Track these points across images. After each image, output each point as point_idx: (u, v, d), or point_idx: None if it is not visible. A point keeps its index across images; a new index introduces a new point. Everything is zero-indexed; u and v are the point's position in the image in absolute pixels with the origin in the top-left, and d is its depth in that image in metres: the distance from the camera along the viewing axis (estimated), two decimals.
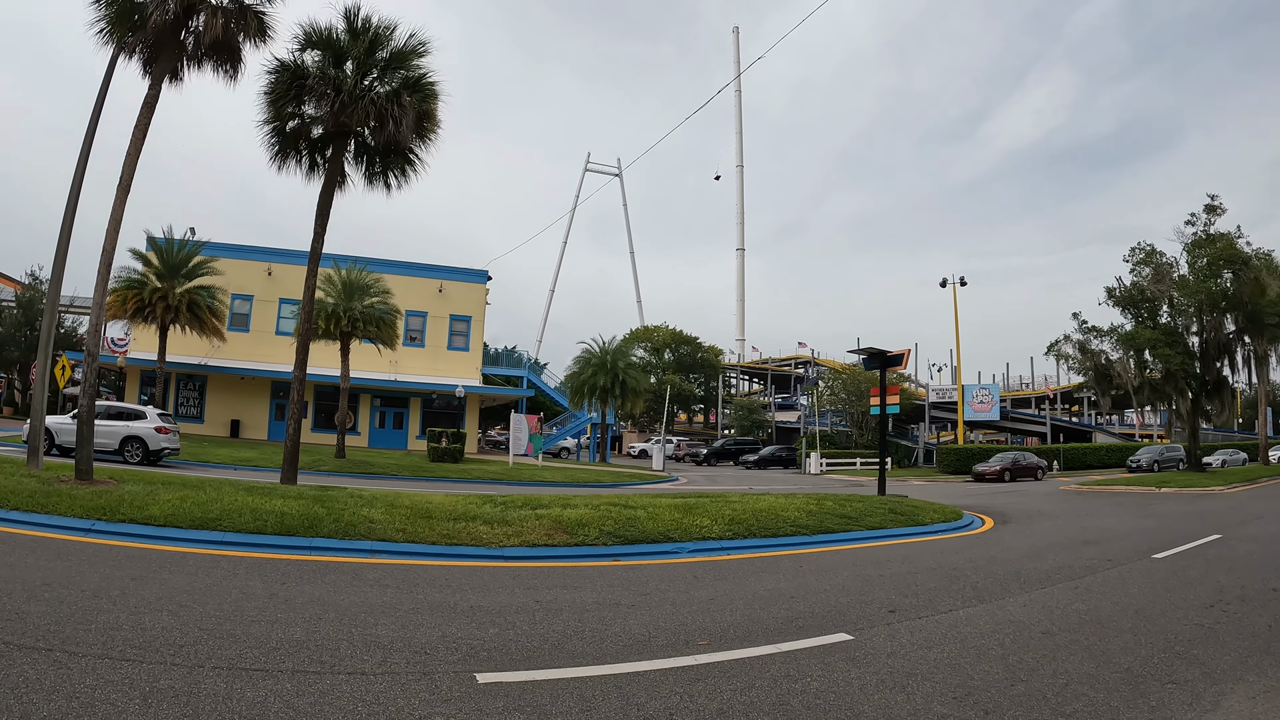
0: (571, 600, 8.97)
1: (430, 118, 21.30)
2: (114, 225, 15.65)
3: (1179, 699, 6.01)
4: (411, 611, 7.91)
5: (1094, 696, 5.99)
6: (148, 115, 16.43)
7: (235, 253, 49.53)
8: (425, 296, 53.74)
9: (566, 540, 12.61)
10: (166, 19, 16.20)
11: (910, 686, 6.10)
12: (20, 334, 55.78)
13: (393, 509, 13.42)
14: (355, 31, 20.19)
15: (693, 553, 13.02)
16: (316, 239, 20.62)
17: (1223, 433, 74.83)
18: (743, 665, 6.58)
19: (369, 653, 6.31)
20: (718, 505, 16.40)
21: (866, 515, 17.26)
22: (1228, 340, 43.54)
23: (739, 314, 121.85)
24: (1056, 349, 46.20)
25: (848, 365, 79.30)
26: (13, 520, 11.42)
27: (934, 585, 10.76)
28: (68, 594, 7.49)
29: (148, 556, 9.94)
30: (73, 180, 16.45)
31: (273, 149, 21.14)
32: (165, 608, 7.26)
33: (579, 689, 5.77)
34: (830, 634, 7.71)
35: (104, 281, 16.12)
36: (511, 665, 6.26)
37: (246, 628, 6.79)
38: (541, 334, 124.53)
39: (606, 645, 7.01)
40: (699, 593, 9.80)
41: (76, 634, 6.19)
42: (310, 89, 19.88)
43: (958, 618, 8.68)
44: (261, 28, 17.76)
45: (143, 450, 27.44)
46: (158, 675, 5.39)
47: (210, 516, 11.94)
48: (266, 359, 48.88)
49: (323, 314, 36.07)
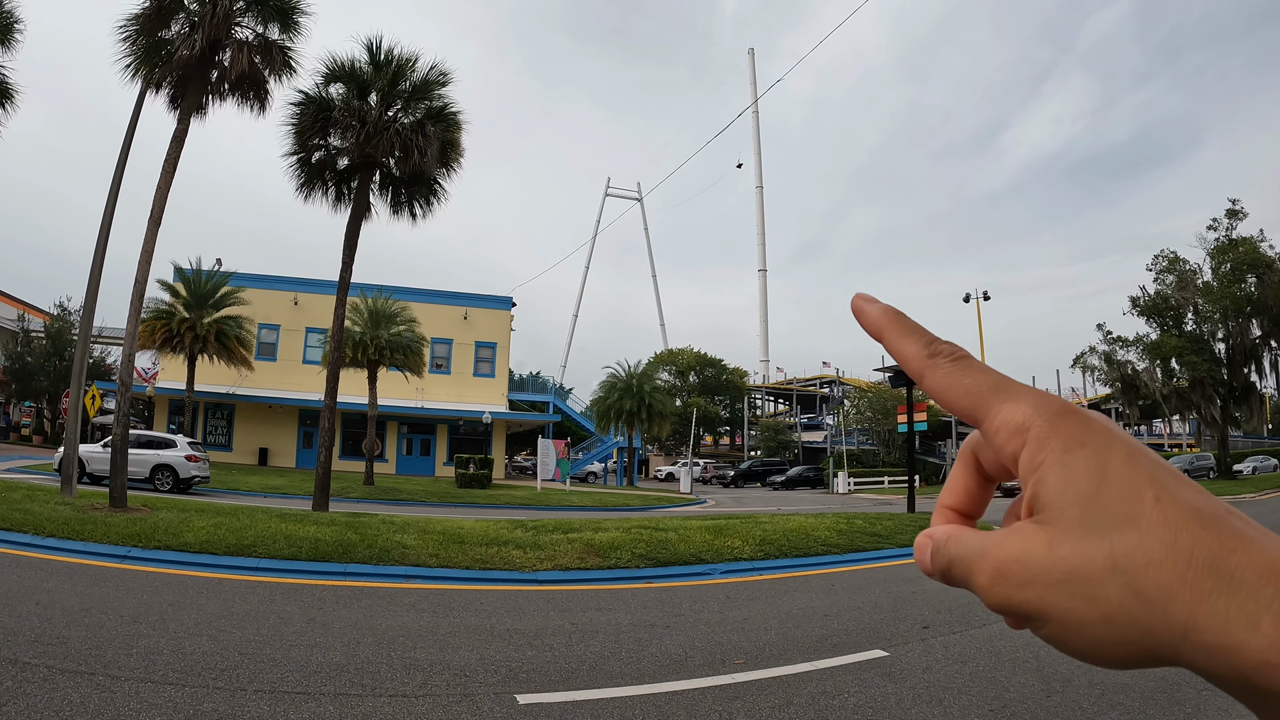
0: (606, 622, 8.98)
1: (454, 146, 21.50)
2: (145, 257, 15.85)
3: (1214, 705, 5.97)
4: (448, 634, 7.95)
5: (1129, 705, 5.97)
6: (177, 150, 16.64)
7: (261, 282, 49.89)
8: (450, 324, 53.89)
9: (599, 563, 12.61)
10: (193, 54, 16.44)
11: (947, 700, 6.09)
12: (49, 364, 56.29)
13: (425, 534, 13.48)
14: (378, 64, 20.43)
15: (725, 574, 12.99)
16: (345, 269, 20.77)
17: (1253, 439, 73.90)
18: (780, 683, 6.58)
19: (409, 675, 6.36)
20: (748, 526, 16.37)
21: (897, 533, 17.19)
22: (1254, 345, 43.06)
23: (762, 335, 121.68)
24: (1082, 361, 45.95)
25: (873, 383, 79.04)
26: (50, 547, 11.56)
27: (967, 600, 10.70)
28: (107, 619, 7.57)
29: (184, 582, 10.03)
30: (103, 214, 16.73)
31: (299, 180, 21.38)
32: (204, 632, 7.33)
33: (619, 709, 5.79)
34: (865, 651, 7.69)
35: (136, 312, 16.31)
36: (551, 686, 6.28)
37: (286, 652, 6.85)
38: (566, 359, 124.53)
39: (643, 666, 7.03)
40: (732, 613, 9.80)
41: (118, 658, 6.27)
42: (335, 121, 20.12)
43: (991, 632, 8.64)
44: (286, 62, 18.00)
45: (173, 478, 27.57)
46: (200, 699, 5.45)
47: (244, 543, 12.03)
48: (294, 387, 49.14)
49: (350, 342, 36.26)
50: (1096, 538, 0.45)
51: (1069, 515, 0.47)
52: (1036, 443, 0.49)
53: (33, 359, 56.62)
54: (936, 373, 0.55)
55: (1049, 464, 0.48)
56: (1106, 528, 0.45)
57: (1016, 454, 0.50)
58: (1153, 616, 0.43)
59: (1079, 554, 0.45)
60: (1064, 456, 0.48)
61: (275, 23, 17.76)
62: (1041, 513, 0.48)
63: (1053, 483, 0.48)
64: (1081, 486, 0.47)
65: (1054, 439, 0.48)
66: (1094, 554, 0.45)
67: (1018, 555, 0.48)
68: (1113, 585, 0.44)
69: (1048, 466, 0.48)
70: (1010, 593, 0.48)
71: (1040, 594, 0.46)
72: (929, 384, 0.55)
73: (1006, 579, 0.48)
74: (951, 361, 0.55)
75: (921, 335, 0.57)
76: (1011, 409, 0.51)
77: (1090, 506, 0.46)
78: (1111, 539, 0.45)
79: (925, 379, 0.56)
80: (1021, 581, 0.47)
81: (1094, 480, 0.47)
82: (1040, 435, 0.49)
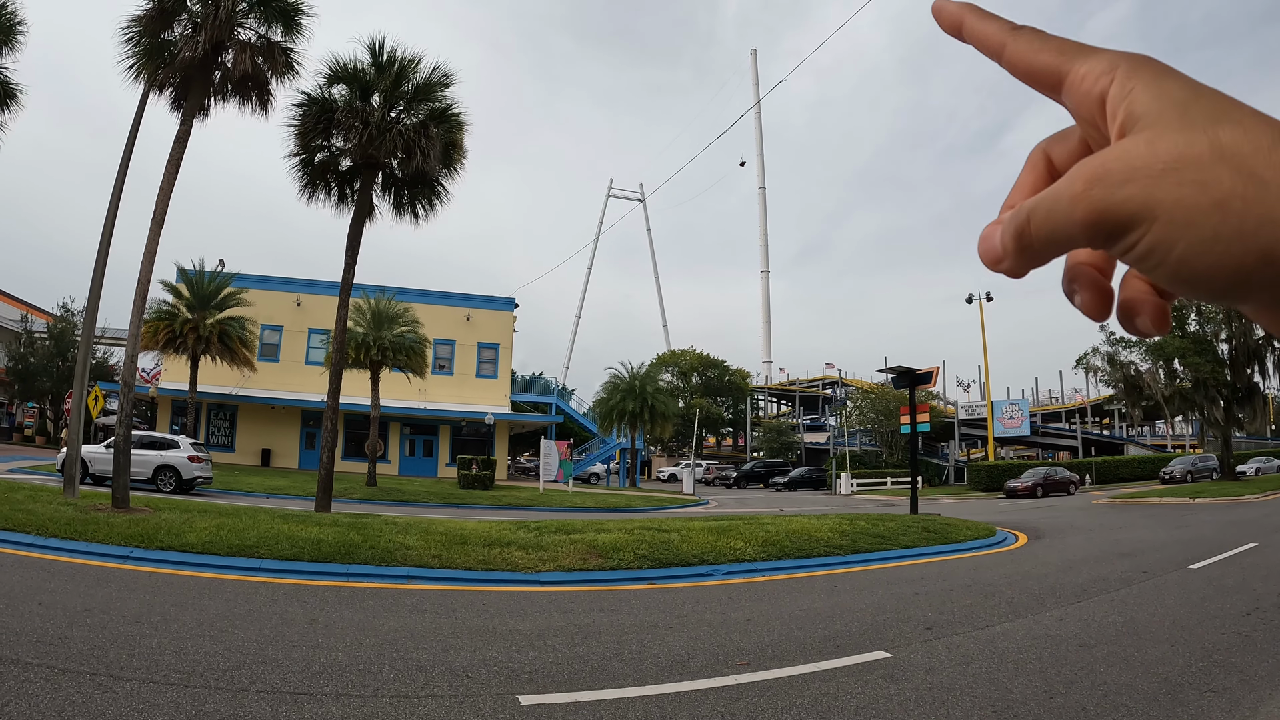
0: (609, 623, 8.98)
1: (457, 148, 21.53)
2: (148, 258, 15.87)
3: (1218, 706, 5.96)
4: (451, 635, 7.95)
5: (1133, 707, 5.96)
6: (179, 151, 16.65)
7: (264, 283, 49.97)
8: (453, 325, 53.93)
9: (601, 564, 12.61)
10: (196, 55, 16.47)
11: (950, 702, 6.08)
12: (52, 365, 56.36)
13: (427, 535, 13.48)
14: (381, 65, 20.47)
15: (727, 575, 12.99)
16: (347, 270, 20.79)
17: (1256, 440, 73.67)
18: (782, 684, 6.57)
19: (411, 676, 6.36)
20: (750, 527, 16.36)
21: (900, 534, 17.16)
22: (1258, 346, 42.92)
23: (765, 336, 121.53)
24: (1085, 362, 45.85)
25: (875, 385, 78.87)
26: (52, 548, 11.58)
27: (969, 602, 10.71)
28: (109, 620, 7.58)
29: (186, 583, 10.04)
30: (106, 215, 16.73)
31: (302, 181, 21.42)
32: (207, 633, 7.34)
33: (621, 710, 5.78)
34: (868, 652, 7.68)
35: (139, 313, 16.34)
36: (553, 687, 6.28)
37: (288, 652, 6.85)
38: (569, 360, 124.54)
39: (646, 667, 7.02)
40: (735, 614, 9.79)
41: (120, 659, 6.27)
42: (338, 122, 20.15)
43: (994, 633, 8.63)
44: (289, 63, 18.03)
45: (176, 479, 27.59)
46: (203, 699, 5.45)
47: (247, 543, 12.04)
48: (297, 388, 49.19)
49: (353, 343, 36.26)
50: (1199, 131, 0.45)
51: (1167, 117, 0.46)
52: (1126, 73, 0.50)
53: (36, 360, 56.68)
54: (1020, 39, 0.55)
55: (1140, 87, 0.49)
56: (1208, 123, 0.45)
57: (1105, 90, 0.51)
58: (1268, 198, 0.42)
59: (1183, 143, 0.45)
60: (1156, 79, 0.48)
61: (278, 24, 17.80)
62: (1135, 125, 0.48)
63: (1146, 98, 0.48)
64: (1177, 96, 0.47)
65: (1144, 69, 0.49)
66: (1198, 143, 0.45)
67: (1116, 154, 0.47)
68: (1222, 169, 0.43)
69: (1140, 88, 0.49)
70: (1109, 192, 0.47)
71: (1144, 187, 0.45)
72: (1011, 51, 0.56)
73: (1105, 179, 0.47)
74: (1034, 31, 0.56)
75: (1003, 19, 0.58)
76: (1098, 56, 0.52)
77: (1188, 110, 0.46)
78: (1214, 131, 0.45)
79: (1008, 47, 0.56)
80: (1122, 179, 0.46)
81: (1188, 92, 0.47)
82: (1130, 68, 0.50)
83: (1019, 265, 0.52)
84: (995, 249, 0.53)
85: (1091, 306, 0.57)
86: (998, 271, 0.54)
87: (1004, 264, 0.53)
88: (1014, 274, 0.54)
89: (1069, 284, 0.57)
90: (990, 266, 0.54)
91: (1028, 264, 0.52)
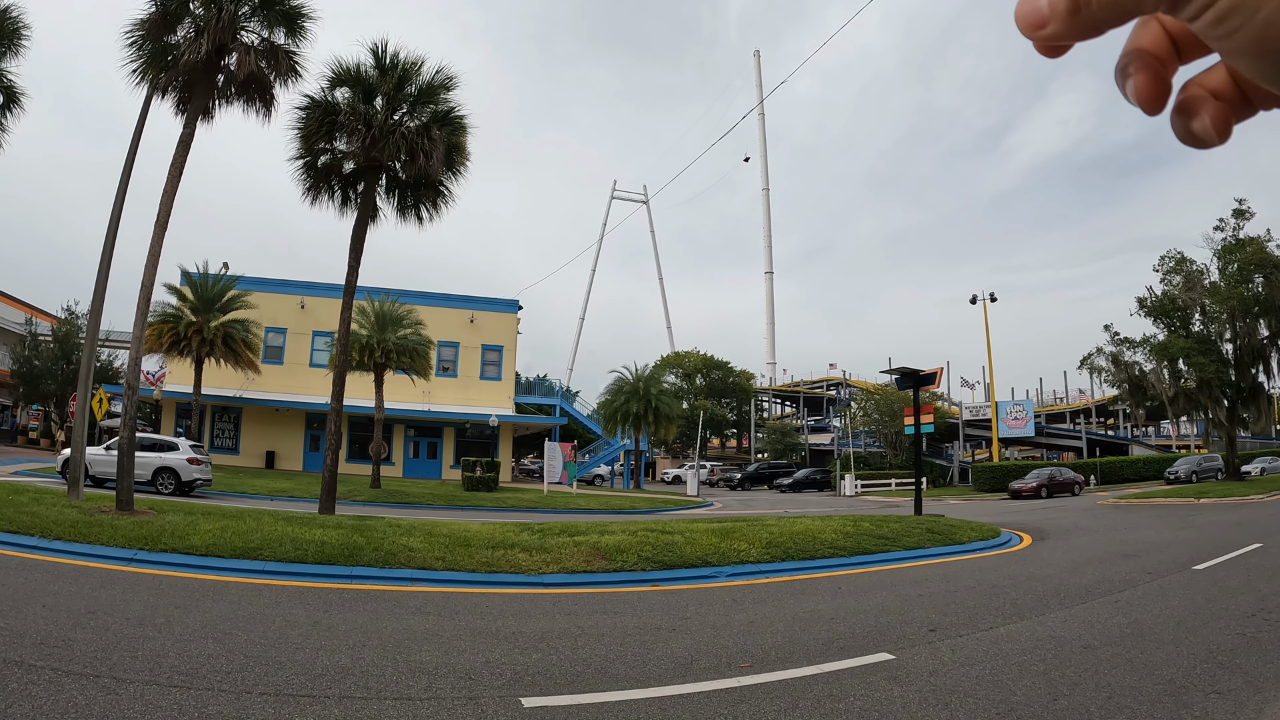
0: (612, 625, 8.98)
1: (460, 150, 21.52)
2: (152, 261, 15.89)
3: (1222, 708, 5.94)
4: (454, 638, 7.95)
5: (1137, 708, 5.94)
6: (183, 154, 16.67)
7: (268, 286, 50.09)
8: (457, 327, 54.00)
9: (605, 566, 12.61)
10: (199, 59, 16.48)
11: (953, 704, 6.07)
12: (56, 367, 56.51)
13: (431, 538, 13.49)
14: (384, 68, 20.47)
15: (731, 577, 12.98)
16: (351, 272, 20.80)
17: (1260, 440, 73.53)
18: (786, 686, 6.56)
19: (414, 679, 6.36)
20: (754, 529, 16.35)
21: (904, 535, 17.13)
22: (1262, 346, 42.79)
23: (769, 337, 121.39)
24: (1089, 362, 45.76)
25: (879, 386, 78.79)
26: (56, 550, 11.60)
27: (974, 603, 10.69)
28: (113, 622, 7.59)
29: (190, 585, 10.05)
30: (110, 218, 16.77)
31: (305, 184, 21.42)
32: (210, 635, 7.34)
33: (624, 712, 5.78)
34: (871, 654, 7.67)
35: (143, 316, 16.35)
36: (556, 690, 6.28)
37: (291, 655, 6.85)
38: (573, 362, 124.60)
39: (649, 669, 7.01)
40: (739, 616, 9.79)
41: (123, 661, 6.28)
42: (341, 125, 20.15)
43: (998, 635, 8.61)
44: (292, 66, 18.04)
45: (175, 481, 27.65)
46: (206, 701, 5.45)
47: (251, 546, 12.06)
48: (300, 391, 49.28)
49: (357, 345, 36.32)
50: None
51: None
52: None
53: (40, 362, 56.80)
54: None
55: None
56: None
57: None
58: None
59: None
60: None
61: (281, 27, 17.82)
62: None
63: None
64: None
65: None
66: None
67: None
68: None
69: None
70: None
71: None
72: None
73: None
74: None
75: None
76: None
77: None
78: None
79: None
80: None
81: None
82: None
83: (1066, 31, 0.46)
84: (1040, 9, 0.47)
85: (1146, 91, 0.51)
86: (1035, 39, 0.48)
87: (1047, 29, 0.47)
88: (1057, 42, 0.47)
89: (1124, 68, 0.52)
90: (1027, 32, 0.48)
91: (1077, 31, 0.47)
